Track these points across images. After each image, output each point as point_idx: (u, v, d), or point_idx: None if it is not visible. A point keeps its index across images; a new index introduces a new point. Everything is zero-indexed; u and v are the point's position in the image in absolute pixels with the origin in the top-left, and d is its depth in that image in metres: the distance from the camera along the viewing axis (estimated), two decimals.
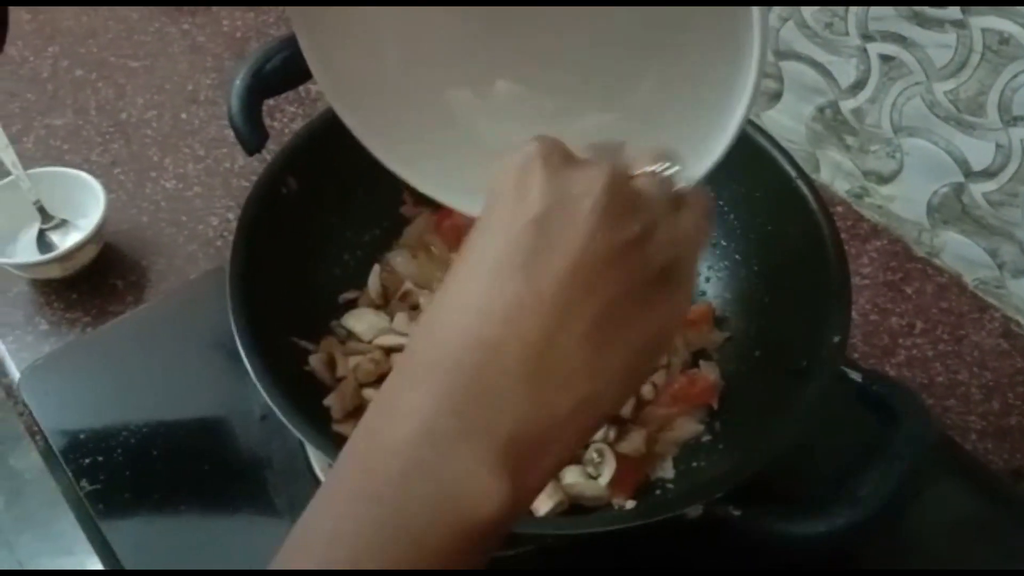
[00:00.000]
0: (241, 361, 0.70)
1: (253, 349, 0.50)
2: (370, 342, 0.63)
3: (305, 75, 0.66)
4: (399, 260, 0.68)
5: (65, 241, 0.82)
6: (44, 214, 0.84)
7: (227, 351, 0.73)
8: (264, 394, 0.49)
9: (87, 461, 0.66)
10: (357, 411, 0.60)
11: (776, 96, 0.89)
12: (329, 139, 0.64)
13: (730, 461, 0.53)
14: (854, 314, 0.80)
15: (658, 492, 0.60)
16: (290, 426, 0.48)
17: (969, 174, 0.78)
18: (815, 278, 0.58)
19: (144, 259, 0.85)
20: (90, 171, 0.85)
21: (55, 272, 0.80)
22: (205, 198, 0.90)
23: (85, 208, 0.83)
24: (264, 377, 0.49)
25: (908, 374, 0.77)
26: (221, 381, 0.71)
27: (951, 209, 0.81)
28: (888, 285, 0.84)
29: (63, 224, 0.84)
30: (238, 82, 0.62)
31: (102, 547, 0.63)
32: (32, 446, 0.77)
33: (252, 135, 0.62)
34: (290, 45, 0.64)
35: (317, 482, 0.65)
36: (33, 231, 0.84)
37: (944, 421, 0.74)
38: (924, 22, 0.74)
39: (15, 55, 1.03)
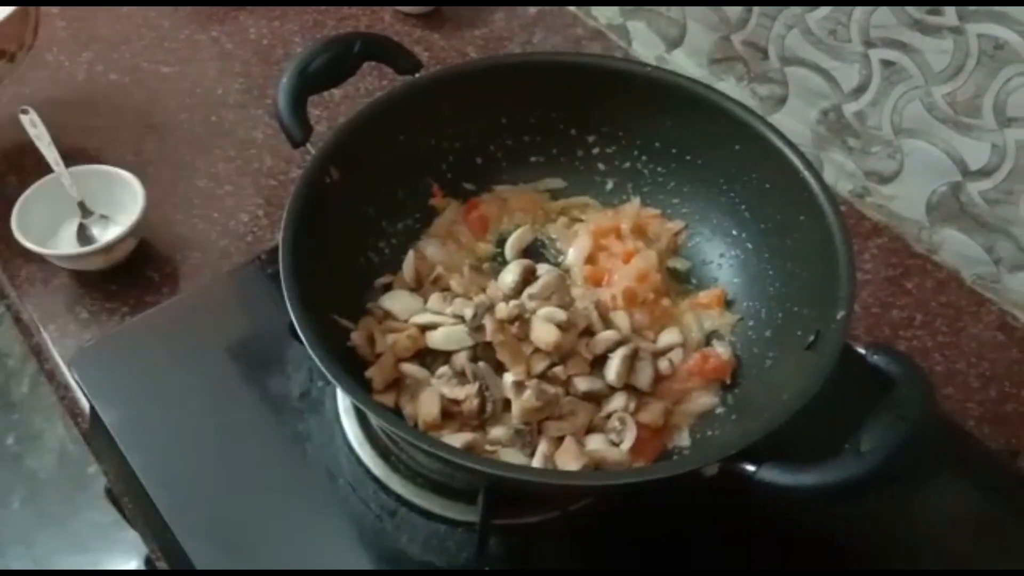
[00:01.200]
0: (274, 346, 0.75)
1: (306, 322, 0.54)
2: (406, 321, 0.67)
3: (345, 74, 0.72)
4: (430, 248, 0.73)
5: (105, 235, 0.86)
6: (84, 209, 0.88)
7: (260, 337, 0.78)
8: (318, 362, 0.53)
9: (137, 436, 0.70)
10: (395, 383, 0.64)
11: (782, 100, 0.93)
12: (369, 134, 0.68)
13: (743, 430, 0.57)
14: (857, 307, 0.84)
15: (675, 458, 0.64)
16: (342, 389, 0.51)
17: (966, 173, 0.81)
18: (821, 261, 0.61)
19: (178, 253, 0.88)
20: (126, 170, 0.88)
21: (96, 264, 0.84)
22: (236, 196, 0.93)
23: (123, 204, 0.87)
24: (317, 347, 0.53)
25: None
26: (257, 364, 0.75)
27: (949, 207, 0.84)
28: (889, 280, 0.87)
29: (102, 219, 0.88)
30: (284, 80, 0.66)
31: (151, 513, 0.66)
32: (44, 447, 0.80)
33: (298, 128, 0.66)
34: (332, 46, 0.68)
35: (353, 453, 0.69)
36: (74, 226, 0.88)
37: (943, 408, 0.77)
38: (923, 29, 0.77)
39: (51, 60, 1.07)
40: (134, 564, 0.83)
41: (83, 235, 0.87)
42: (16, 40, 0.93)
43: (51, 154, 0.88)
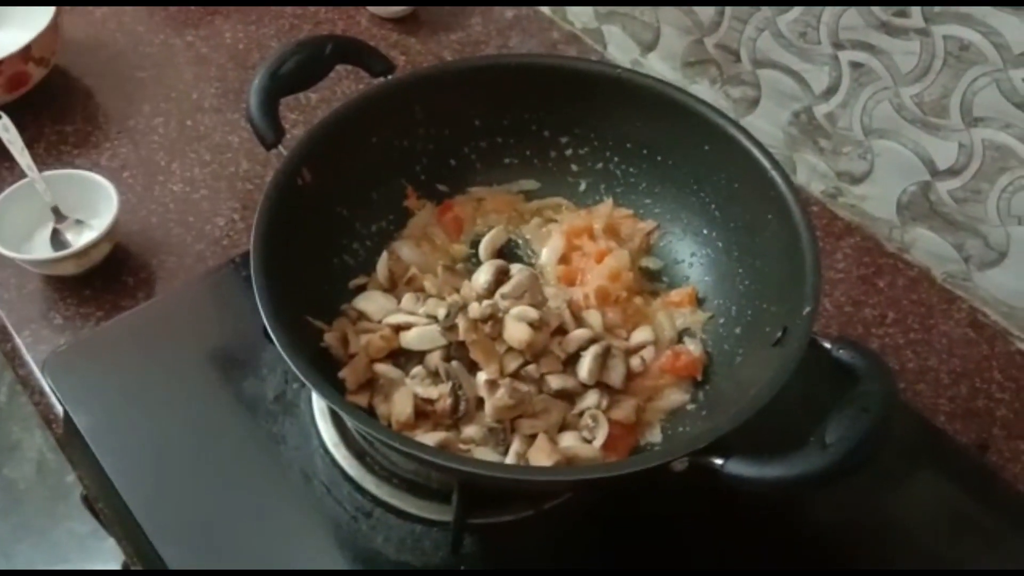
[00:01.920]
0: (249, 349, 0.75)
1: (278, 325, 0.54)
2: (380, 321, 0.67)
3: (317, 76, 0.72)
4: (404, 249, 0.73)
5: (79, 239, 0.85)
6: (58, 214, 0.88)
7: (235, 340, 0.78)
8: (291, 364, 0.53)
9: (111, 440, 0.70)
10: (368, 383, 0.64)
11: (754, 102, 0.94)
12: (342, 135, 0.69)
13: (712, 425, 0.58)
14: (829, 305, 0.85)
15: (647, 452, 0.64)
16: (316, 391, 0.52)
17: (935, 173, 0.82)
18: (789, 259, 0.62)
19: (154, 258, 0.88)
20: (100, 175, 0.88)
21: (70, 268, 0.84)
22: (211, 200, 0.93)
23: (97, 208, 0.87)
24: (289, 350, 0.53)
25: None
26: (232, 367, 0.75)
27: (919, 206, 0.85)
28: (862, 279, 0.88)
29: (77, 224, 0.88)
30: (256, 82, 0.67)
31: (126, 518, 0.66)
32: (23, 457, 0.80)
33: (269, 130, 0.66)
34: (304, 48, 0.69)
35: (328, 455, 0.69)
36: (47, 230, 0.88)
37: (915, 404, 0.78)
38: (891, 31, 0.78)
39: None
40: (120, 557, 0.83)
41: (57, 240, 0.87)
42: (50, 48, 1.00)
43: (24, 159, 0.88)
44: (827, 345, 0.55)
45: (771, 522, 0.67)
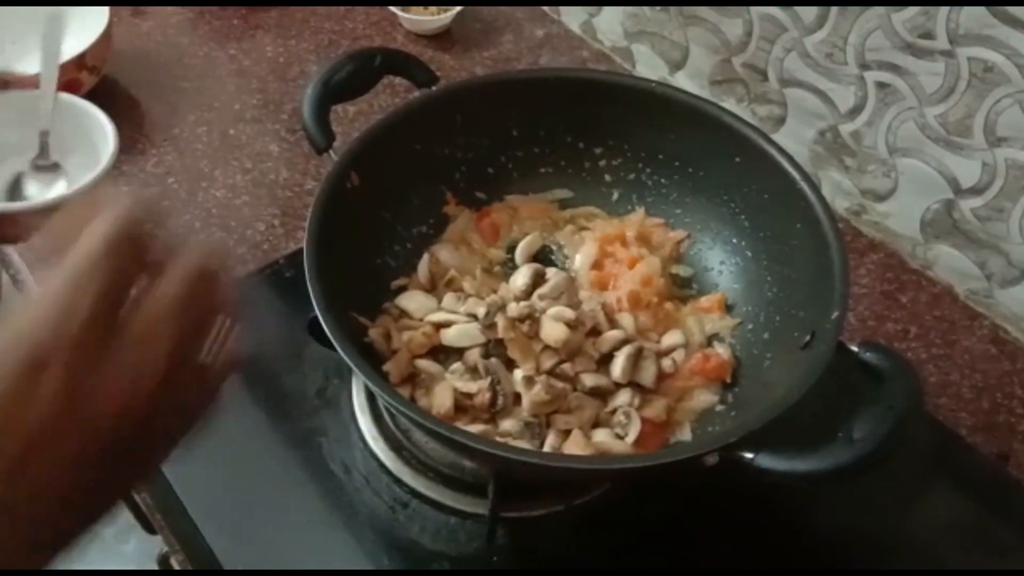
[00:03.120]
0: (291, 347, 0.78)
1: (328, 315, 0.57)
2: (421, 319, 0.70)
3: (367, 86, 0.75)
4: (444, 252, 0.76)
5: (46, 191, 0.78)
6: (43, 149, 0.80)
7: (277, 339, 0.80)
8: (341, 351, 0.55)
9: None
10: (410, 377, 0.67)
11: (780, 121, 0.96)
12: (387, 142, 0.72)
13: (741, 424, 0.59)
14: (853, 320, 0.87)
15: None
16: (364, 377, 0.54)
17: (958, 191, 0.83)
18: (817, 266, 0.64)
19: None
20: (145, 181, 0.90)
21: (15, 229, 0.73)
22: (252, 206, 0.96)
23: (91, 159, 0.79)
24: (339, 337, 0.56)
25: None
26: (274, 364, 0.78)
27: (942, 224, 0.86)
28: (885, 295, 0.89)
29: (53, 169, 0.81)
30: (310, 90, 0.70)
31: (174, 507, 0.69)
32: None
33: (321, 136, 0.69)
34: (354, 59, 0.72)
35: (367, 448, 0.71)
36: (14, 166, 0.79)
37: (937, 417, 0.79)
38: (916, 52, 0.80)
39: None
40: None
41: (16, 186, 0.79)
42: (102, 56, 1.03)
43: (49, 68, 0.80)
44: (854, 348, 0.57)
45: (791, 527, 0.69)
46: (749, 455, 0.52)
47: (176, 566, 0.72)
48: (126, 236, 0.35)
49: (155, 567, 1.22)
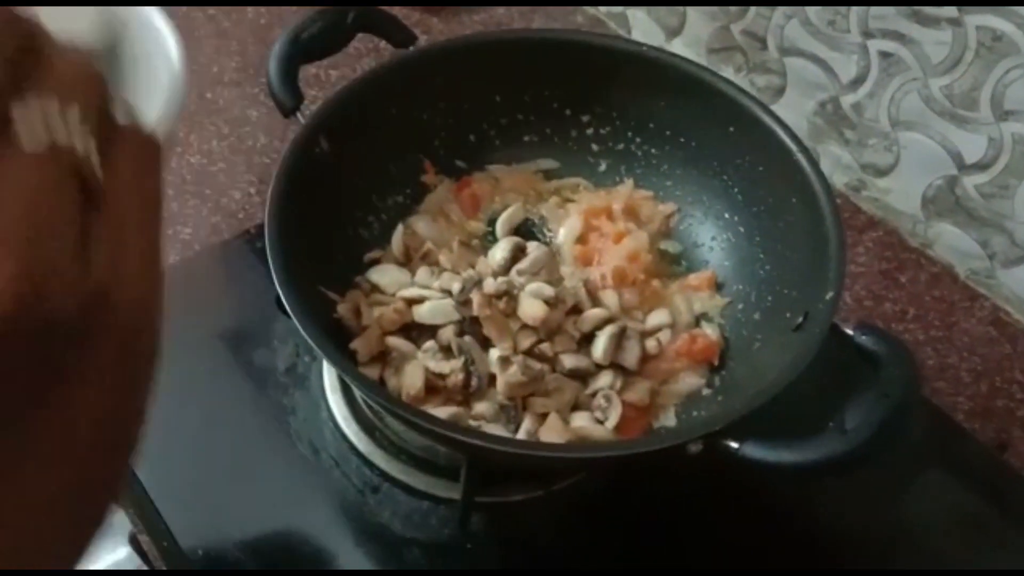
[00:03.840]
0: (262, 321, 0.75)
1: (291, 291, 0.54)
2: (393, 294, 0.66)
3: (339, 44, 0.71)
4: (421, 224, 0.72)
5: None
6: None
7: (248, 312, 0.78)
8: (302, 329, 0.52)
9: None
10: (380, 356, 0.63)
11: (779, 91, 0.92)
12: (361, 105, 0.68)
13: (727, 410, 0.57)
14: (849, 299, 0.84)
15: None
16: (327, 358, 0.51)
17: (962, 167, 0.80)
18: (812, 244, 0.61)
19: (170, 228, 0.88)
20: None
21: None
22: (228, 173, 0.93)
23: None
24: (302, 316, 0.53)
25: None
26: (243, 338, 0.75)
27: (944, 201, 0.84)
28: (883, 274, 0.87)
29: None
30: (277, 47, 0.66)
31: (134, 485, 0.66)
32: None
33: (288, 96, 0.66)
34: (326, 16, 0.68)
35: (338, 429, 0.68)
36: None
37: (934, 401, 0.77)
38: (922, 20, 0.77)
39: None
40: (121, 548, 0.83)
41: None
42: None
43: None
44: (849, 331, 0.54)
45: (781, 515, 0.67)
46: (734, 444, 0.49)
47: (143, 545, 0.70)
48: None
49: (126, 544, 1.20)
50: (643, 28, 1.04)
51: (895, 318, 0.83)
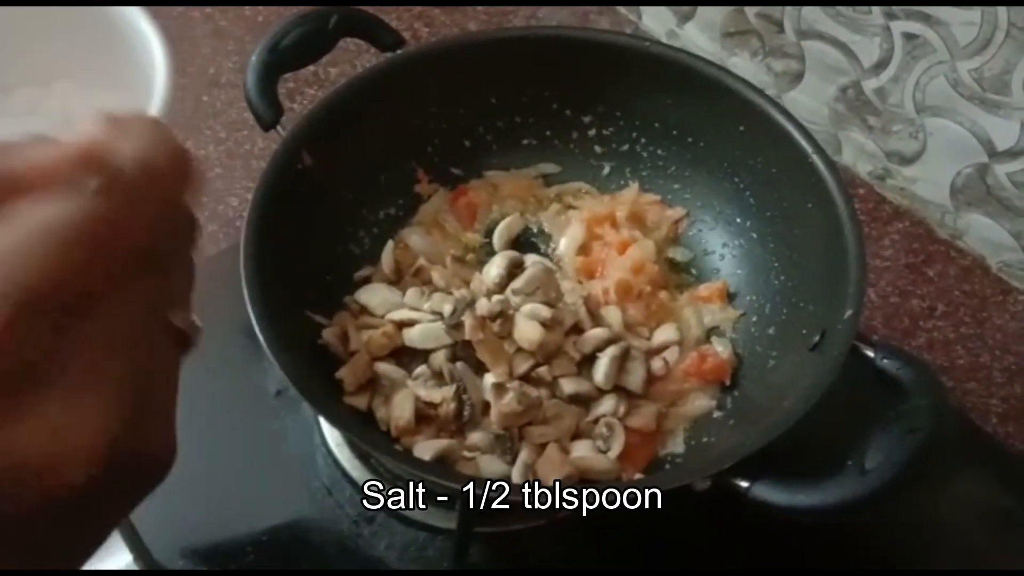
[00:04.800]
0: (254, 336, 0.72)
1: (266, 321, 0.51)
2: (383, 316, 0.63)
3: (320, 52, 0.68)
4: (414, 237, 0.69)
5: None
6: None
7: (244, 327, 0.74)
8: (276, 364, 0.49)
9: None
10: (368, 384, 0.60)
11: (798, 76, 0.88)
12: (347, 115, 0.65)
13: (741, 437, 0.53)
14: (874, 296, 0.80)
15: (668, 467, 0.60)
16: (302, 396, 0.48)
17: (993, 154, 0.77)
18: (830, 254, 0.57)
19: None
20: None
21: None
22: (225, 179, 0.90)
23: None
24: (276, 348, 0.50)
25: (929, 357, 0.76)
26: (238, 356, 0.72)
27: (975, 190, 0.80)
28: (910, 267, 0.83)
29: None
30: (254, 58, 0.63)
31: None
32: None
33: (267, 110, 0.62)
34: (306, 21, 0.64)
35: (330, 455, 0.65)
36: None
37: (965, 404, 0.74)
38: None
39: None
40: (127, 555, 0.82)
41: None
42: None
43: None
44: (870, 353, 0.50)
45: (795, 544, 0.63)
46: (744, 484, 0.45)
47: None
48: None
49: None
50: (654, 13, 1.00)
51: (923, 315, 0.80)
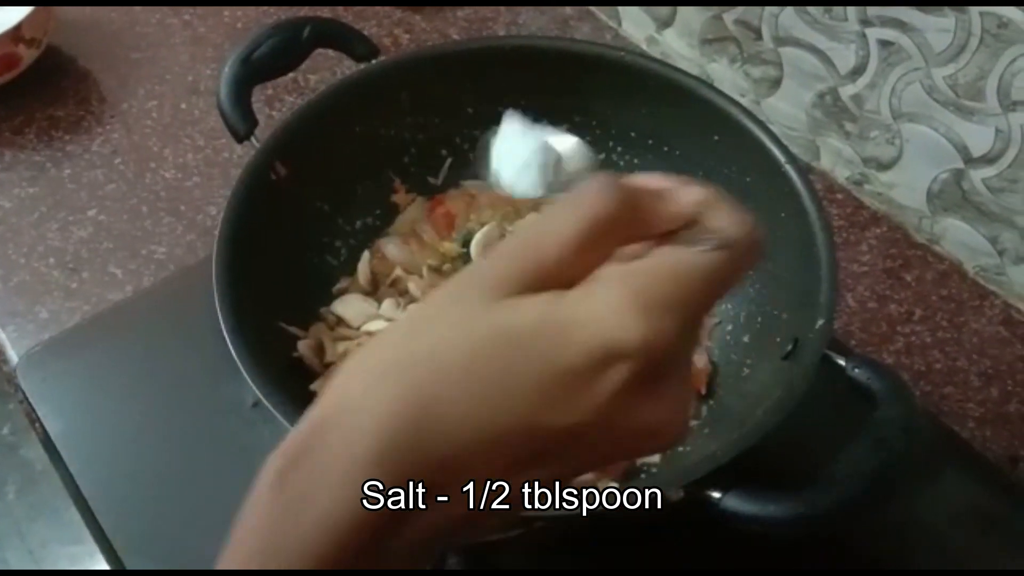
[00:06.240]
0: None
1: (238, 334, 0.51)
2: (359, 328, 0.63)
3: (294, 62, 0.67)
4: (390, 247, 0.69)
5: None
6: None
7: (223, 337, 0.74)
8: (248, 379, 0.49)
9: (83, 447, 0.67)
10: None
11: (776, 83, 0.89)
12: (321, 125, 0.64)
13: (716, 446, 0.53)
14: (852, 301, 0.80)
15: (643, 476, 0.60)
16: (274, 412, 0.48)
17: (969, 160, 0.77)
18: (803, 262, 0.57)
19: (144, 248, 0.85)
20: (91, 162, 0.84)
21: None
22: (204, 188, 0.90)
23: None
24: (249, 362, 0.50)
25: (906, 361, 0.76)
26: (215, 368, 0.71)
27: (951, 195, 0.80)
28: (887, 272, 0.83)
29: None
30: (226, 69, 0.62)
31: (96, 530, 0.64)
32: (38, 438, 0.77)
33: (240, 122, 0.62)
34: (279, 31, 0.64)
35: None
36: None
37: (942, 408, 0.74)
38: (923, 6, 0.73)
39: None
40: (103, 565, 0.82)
41: None
42: (42, 28, 0.97)
43: None
44: (841, 362, 0.50)
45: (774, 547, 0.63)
46: (716, 495, 0.45)
47: None
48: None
49: None
50: (633, 19, 1.00)
51: (900, 320, 0.80)
